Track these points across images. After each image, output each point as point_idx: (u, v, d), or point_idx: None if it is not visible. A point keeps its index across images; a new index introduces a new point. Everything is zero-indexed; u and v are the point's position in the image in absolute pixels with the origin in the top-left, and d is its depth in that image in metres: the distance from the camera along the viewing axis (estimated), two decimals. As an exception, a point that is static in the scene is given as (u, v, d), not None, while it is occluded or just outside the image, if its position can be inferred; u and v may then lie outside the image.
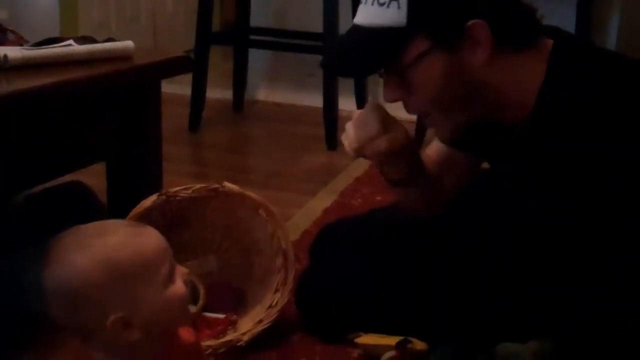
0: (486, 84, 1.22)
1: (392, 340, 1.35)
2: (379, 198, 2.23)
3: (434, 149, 1.50)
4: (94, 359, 0.95)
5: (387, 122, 1.30)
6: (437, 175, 1.46)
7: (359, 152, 1.31)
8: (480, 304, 1.41)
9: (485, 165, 1.51)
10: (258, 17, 3.31)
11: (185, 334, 1.06)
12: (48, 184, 1.64)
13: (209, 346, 1.41)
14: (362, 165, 2.57)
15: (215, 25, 3.47)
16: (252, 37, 3.28)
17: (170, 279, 0.96)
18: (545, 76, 1.22)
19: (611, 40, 3.04)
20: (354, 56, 1.25)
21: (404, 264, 1.49)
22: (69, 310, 0.93)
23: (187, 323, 1.03)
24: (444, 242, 1.53)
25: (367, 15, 1.22)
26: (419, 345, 1.36)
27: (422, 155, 1.46)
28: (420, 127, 2.74)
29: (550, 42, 1.25)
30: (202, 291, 1.54)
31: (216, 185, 1.53)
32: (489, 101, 1.24)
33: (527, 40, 1.24)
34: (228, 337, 1.45)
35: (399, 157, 1.33)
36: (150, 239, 0.97)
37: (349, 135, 1.31)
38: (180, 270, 0.98)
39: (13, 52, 1.42)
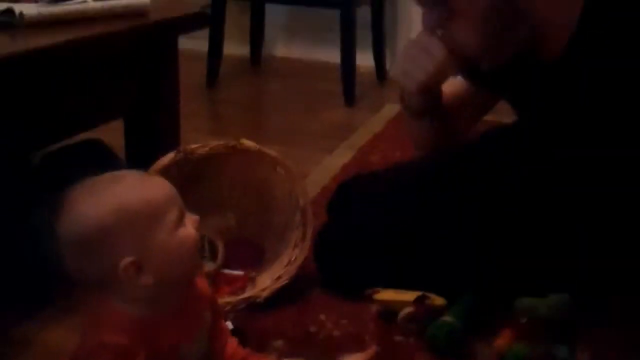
0: (530, 11, 1.21)
1: (411, 296, 1.35)
2: (397, 154, 2.22)
3: (451, 82, 1.48)
4: (113, 311, 0.96)
5: None
6: (453, 110, 1.45)
7: (427, 83, 1.28)
8: (501, 256, 1.40)
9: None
10: (275, -29, 3.27)
11: (202, 286, 1.07)
12: (66, 142, 1.64)
13: (228, 303, 1.41)
14: (380, 121, 2.55)
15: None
16: (269, -9, 3.25)
17: (179, 224, 0.97)
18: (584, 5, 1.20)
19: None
20: None
21: (422, 218, 1.49)
22: (82, 259, 0.94)
23: (199, 271, 1.05)
24: (463, 195, 1.53)
25: None
26: (437, 300, 1.36)
27: None
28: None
29: None
30: (220, 248, 1.55)
31: (234, 142, 1.52)
32: (530, 30, 1.23)
33: None
34: (247, 294, 1.46)
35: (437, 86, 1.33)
36: (158, 184, 0.99)
37: (408, 67, 1.28)
38: (191, 218, 0.99)
39: (28, 9, 1.41)
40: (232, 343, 1.12)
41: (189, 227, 0.98)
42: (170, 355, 0.99)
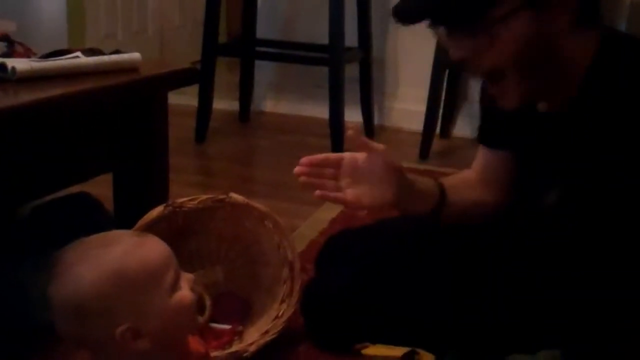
0: (559, 52, 1.25)
1: (399, 352, 1.35)
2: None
3: (478, 158, 1.52)
4: None
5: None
6: (475, 193, 1.48)
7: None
8: (489, 314, 1.40)
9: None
10: (264, 28, 3.32)
11: (196, 343, 1.06)
12: (55, 195, 1.64)
13: (215, 357, 1.40)
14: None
15: (222, 36, 3.48)
16: (259, 48, 3.29)
17: (176, 286, 0.96)
18: (594, 57, 1.26)
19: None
20: (449, 3, 1.23)
21: (411, 275, 1.49)
22: (77, 323, 0.93)
23: (195, 330, 1.03)
24: (452, 251, 1.53)
25: None
26: (425, 357, 1.36)
27: (456, 177, 1.51)
28: (430, 121, 2.79)
29: (597, 31, 1.29)
30: (208, 302, 1.54)
31: (222, 196, 1.53)
32: (557, 71, 1.27)
33: (597, 16, 1.28)
34: (234, 348, 1.45)
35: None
36: (154, 247, 0.98)
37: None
38: (186, 277, 0.98)
39: (21, 64, 1.43)
40: None
41: (185, 289, 0.97)
42: None
